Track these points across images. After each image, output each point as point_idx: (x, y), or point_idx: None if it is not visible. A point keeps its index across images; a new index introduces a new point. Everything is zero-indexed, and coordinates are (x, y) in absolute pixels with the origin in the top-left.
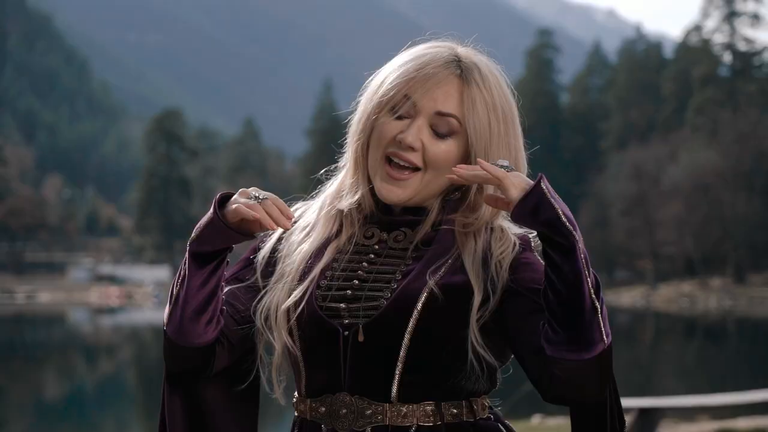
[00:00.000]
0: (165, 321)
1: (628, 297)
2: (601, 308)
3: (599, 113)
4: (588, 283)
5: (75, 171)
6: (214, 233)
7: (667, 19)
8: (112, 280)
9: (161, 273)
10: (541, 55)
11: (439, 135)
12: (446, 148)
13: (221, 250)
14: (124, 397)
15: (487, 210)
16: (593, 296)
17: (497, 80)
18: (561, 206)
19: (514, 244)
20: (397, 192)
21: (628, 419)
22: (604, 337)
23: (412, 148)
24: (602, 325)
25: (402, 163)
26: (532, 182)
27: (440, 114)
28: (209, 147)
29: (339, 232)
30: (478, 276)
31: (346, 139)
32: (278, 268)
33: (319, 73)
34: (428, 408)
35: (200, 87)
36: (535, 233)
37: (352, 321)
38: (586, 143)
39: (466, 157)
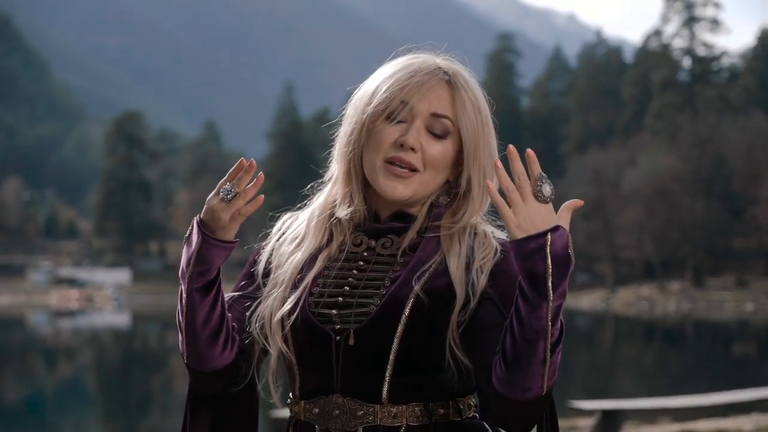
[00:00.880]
0: (184, 355)
1: (587, 300)
2: (552, 361)
3: (559, 117)
4: (548, 339)
5: (34, 173)
6: (212, 256)
7: (627, 23)
8: (71, 283)
9: (121, 276)
10: (501, 59)
11: (436, 136)
12: (442, 148)
13: (218, 271)
14: (84, 401)
15: (467, 213)
16: (548, 352)
17: (476, 85)
18: (557, 266)
19: (496, 250)
20: (400, 189)
21: (592, 421)
22: (544, 385)
23: (413, 150)
24: (546, 376)
25: (402, 166)
26: (543, 228)
27: (435, 115)
28: (170, 149)
29: (329, 241)
30: (461, 280)
31: (330, 151)
32: (270, 278)
33: (281, 76)
34: (417, 408)
35: (161, 89)
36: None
37: (343, 326)
38: (547, 147)
39: (459, 156)
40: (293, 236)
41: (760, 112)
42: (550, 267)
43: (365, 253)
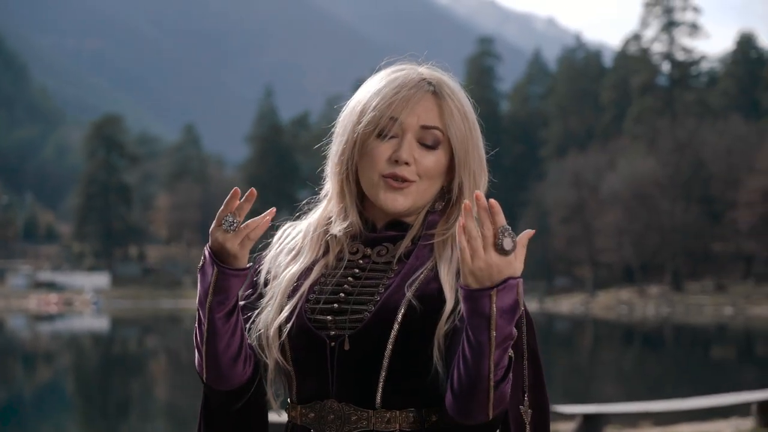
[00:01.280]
0: (203, 375)
1: (567, 304)
2: (497, 394)
3: (539, 121)
4: (490, 380)
5: (13, 177)
6: (229, 285)
7: (606, 28)
8: (50, 286)
9: (100, 280)
10: (481, 63)
11: (428, 147)
12: (435, 159)
13: (237, 297)
14: (63, 405)
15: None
16: (491, 390)
17: (461, 91)
18: (502, 318)
19: None
20: (400, 200)
21: (573, 425)
22: (489, 413)
23: (407, 164)
24: (491, 407)
25: (398, 179)
26: (497, 280)
27: (425, 127)
28: (149, 153)
29: (326, 252)
30: (451, 285)
31: (323, 168)
32: (268, 288)
33: (260, 80)
34: (410, 414)
35: (140, 93)
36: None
37: (338, 332)
38: (526, 151)
39: (452, 163)
40: (290, 247)
41: (738, 117)
42: (495, 320)
43: (361, 261)
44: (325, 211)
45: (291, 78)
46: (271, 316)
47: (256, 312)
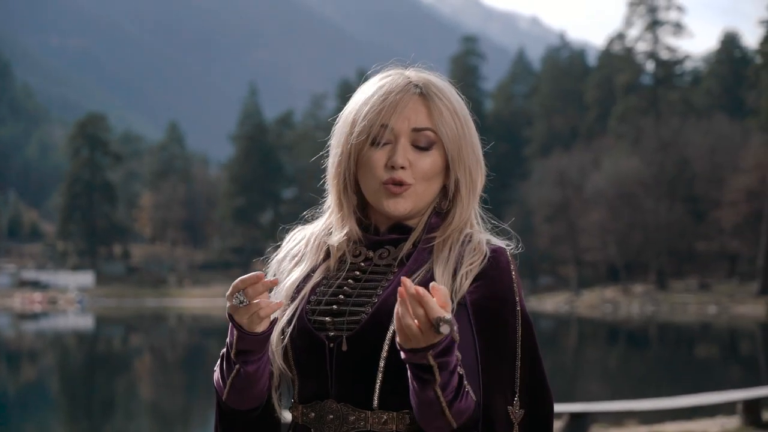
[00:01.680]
0: (223, 398)
1: (551, 303)
2: (452, 409)
3: (523, 120)
4: (441, 398)
5: None
6: (251, 346)
7: (590, 27)
8: (35, 285)
9: (85, 278)
10: (465, 62)
11: (422, 149)
12: (431, 160)
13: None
14: (47, 404)
15: (457, 214)
16: (443, 406)
17: (450, 89)
18: (442, 358)
19: (485, 255)
20: (402, 203)
21: (559, 424)
22: (452, 425)
23: (403, 168)
24: (450, 421)
25: (397, 184)
26: (429, 349)
27: (416, 130)
28: (133, 152)
29: (327, 258)
30: (447, 286)
31: (323, 179)
32: (272, 294)
33: (244, 78)
34: (407, 415)
35: (124, 91)
36: (512, 247)
37: (337, 333)
38: (510, 150)
39: (447, 163)
40: (293, 253)
41: (723, 116)
42: (435, 363)
43: (362, 264)
44: (326, 223)
45: (275, 77)
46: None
47: None
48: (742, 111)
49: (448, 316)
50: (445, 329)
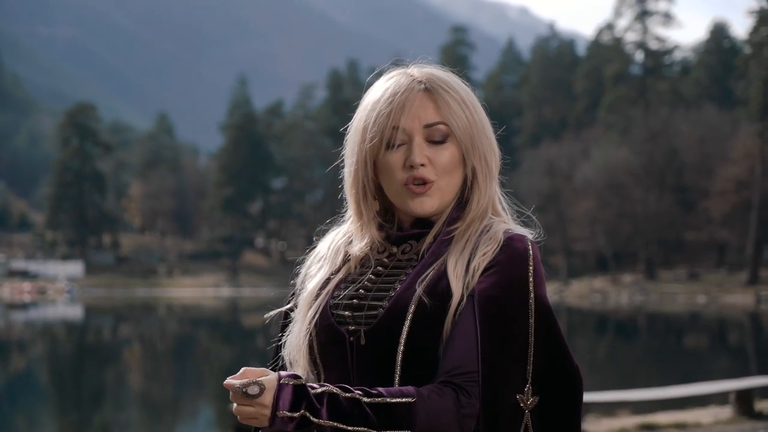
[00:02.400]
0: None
1: None
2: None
3: (512, 110)
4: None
5: None
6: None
7: (579, 17)
8: (24, 275)
9: (74, 268)
10: (455, 52)
11: (437, 143)
12: (449, 153)
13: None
14: (36, 394)
15: (475, 201)
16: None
17: (454, 79)
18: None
19: (499, 244)
20: (428, 202)
21: None
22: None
23: (422, 165)
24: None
25: (419, 182)
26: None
27: (428, 126)
28: (122, 141)
29: (347, 261)
30: (460, 278)
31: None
32: (298, 299)
33: (234, 68)
34: None
35: (113, 81)
36: (535, 235)
37: (356, 327)
38: (500, 140)
39: (463, 153)
40: (320, 256)
41: (712, 106)
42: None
43: (386, 260)
44: (347, 232)
45: (265, 66)
46: (296, 330)
47: (288, 330)
48: (731, 101)
49: (252, 380)
50: (253, 390)
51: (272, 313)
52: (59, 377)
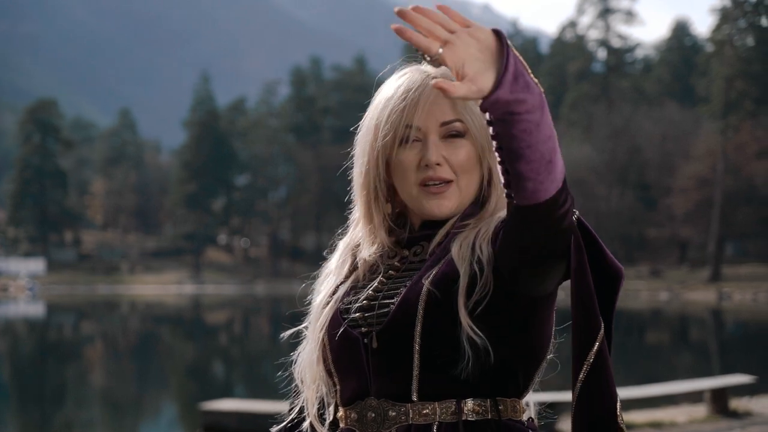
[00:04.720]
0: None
1: None
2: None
3: None
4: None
5: None
6: None
7: (542, 14)
8: None
9: (36, 265)
10: (417, 50)
11: (454, 140)
12: (465, 150)
13: None
14: None
15: (493, 200)
16: (555, 144)
17: None
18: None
19: (498, 218)
20: (446, 203)
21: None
22: (558, 180)
23: (438, 164)
24: (557, 170)
25: (436, 183)
26: (492, 43)
27: (444, 124)
28: (84, 138)
29: (356, 267)
30: (464, 258)
31: (350, 196)
32: (312, 310)
33: (197, 65)
34: (449, 405)
35: (74, 77)
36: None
37: (368, 329)
38: None
39: (479, 153)
40: (330, 270)
41: (673, 103)
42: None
43: (397, 263)
44: (354, 237)
45: (228, 63)
46: (308, 348)
47: (301, 344)
48: (693, 99)
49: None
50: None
51: (287, 333)
52: (20, 375)
